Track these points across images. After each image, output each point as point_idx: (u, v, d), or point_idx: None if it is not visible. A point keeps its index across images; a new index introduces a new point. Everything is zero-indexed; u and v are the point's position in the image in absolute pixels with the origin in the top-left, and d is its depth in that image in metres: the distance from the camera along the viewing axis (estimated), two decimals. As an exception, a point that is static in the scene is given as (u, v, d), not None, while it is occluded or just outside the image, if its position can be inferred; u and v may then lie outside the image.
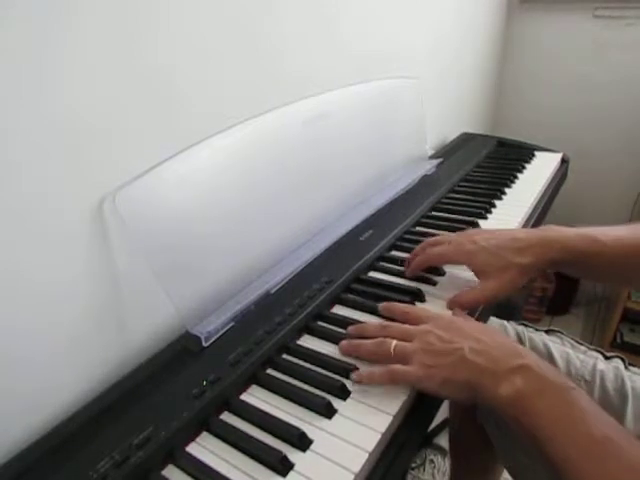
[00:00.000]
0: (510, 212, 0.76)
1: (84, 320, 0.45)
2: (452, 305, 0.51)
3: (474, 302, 0.51)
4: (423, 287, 0.56)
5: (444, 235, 0.59)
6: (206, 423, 0.41)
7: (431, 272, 0.58)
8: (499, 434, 0.63)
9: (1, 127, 0.36)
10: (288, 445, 0.38)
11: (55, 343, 0.43)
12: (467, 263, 0.53)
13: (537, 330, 0.67)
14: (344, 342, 0.47)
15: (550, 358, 0.61)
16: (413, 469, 1.16)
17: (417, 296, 0.54)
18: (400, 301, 0.53)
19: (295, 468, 0.36)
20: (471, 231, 0.57)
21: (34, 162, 0.39)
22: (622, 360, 0.60)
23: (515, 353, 0.39)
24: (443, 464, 1.16)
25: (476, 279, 0.53)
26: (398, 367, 0.41)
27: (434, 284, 0.57)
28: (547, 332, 0.67)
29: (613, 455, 0.33)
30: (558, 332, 0.66)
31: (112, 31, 0.42)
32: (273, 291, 0.55)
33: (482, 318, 0.56)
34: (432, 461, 1.17)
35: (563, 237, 0.50)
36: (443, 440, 1.20)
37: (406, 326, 0.45)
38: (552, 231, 0.51)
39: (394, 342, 0.43)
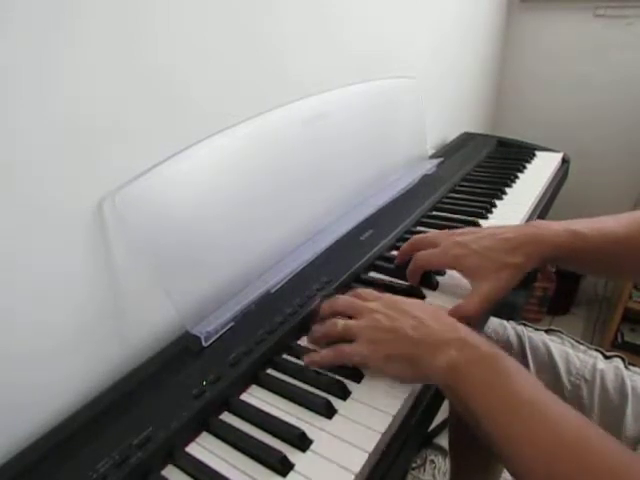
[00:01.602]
0: (511, 212, 0.76)
1: (84, 320, 0.45)
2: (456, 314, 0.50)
3: (476, 310, 0.48)
4: (423, 287, 0.56)
5: (434, 233, 0.57)
6: (206, 423, 0.40)
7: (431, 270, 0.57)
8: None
9: (1, 127, 0.36)
10: (288, 445, 0.38)
11: (55, 344, 0.43)
12: (455, 267, 0.52)
13: (537, 330, 0.67)
14: (307, 336, 0.49)
15: (550, 357, 0.61)
16: (413, 469, 1.15)
17: (417, 296, 0.54)
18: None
19: (295, 468, 0.36)
20: (458, 231, 0.55)
21: (34, 162, 0.39)
22: (622, 360, 0.60)
23: (452, 328, 0.41)
24: (443, 464, 1.16)
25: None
26: (345, 346, 0.43)
27: (435, 287, 0.57)
28: (547, 332, 0.67)
29: (539, 415, 0.34)
30: (558, 332, 0.66)
31: (112, 31, 0.42)
32: (273, 291, 0.55)
33: (482, 317, 0.55)
34: (432, 461, 1.17)
35: (551, 234, 0.50)
36: (443, 440, 1.20)
37: (353, 300, 0.47)
38: (540, 228, 0.51)
39: (342, 321, 0.45)
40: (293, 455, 0.37)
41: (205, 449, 0.39)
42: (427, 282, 0.56)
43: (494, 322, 0.69)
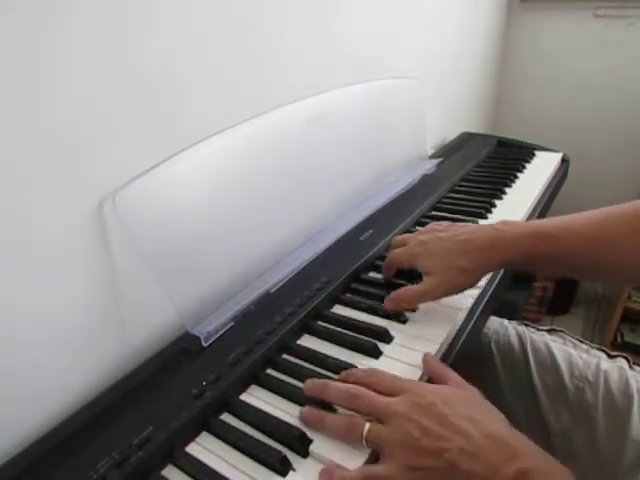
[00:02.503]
0: (510, 212, 0.76)
1: (84, 320, 0.45)
2: (389, 304, 0.51)
3: (412, 299, 0.50)
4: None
5: (412, 234, 0.57)
6: (206, 423, 0.41)
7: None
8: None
9: (1, 127, 0.36)
10: (288, 445, 0.38)
11: (55, 343, 0.43)
12: (414, 266, 0.52)
13: (539, 330, 0.66)
14: (306, 410, 0.40)
15: (552, 359, 0.61)
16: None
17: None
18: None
19: (295, 468, 0.36)
20: (425, 229, 0.56)
21: (34, 162, 0.38)
22: (626, 360, 0.60)
23: (512, 453, 0.33)
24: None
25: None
26: (376, 469, 0.35)
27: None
28: (549, 332, 0.66)
29: None
30: (560, 331, 0.66)
31: (112, 31, 0.42)
32: (273, 291, 0.55)
33: (482, 317, 0.56)
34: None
35: (511, 238, 0.49)
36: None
37: (379, 401, 0.37)
38: (501, 231, 0.50)
39: (366, 426, 0.36)
40: (293, 455, 0.37)
41: (205, 449, 0.39)
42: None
43: (495, 322, 0.68)
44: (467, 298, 0.54)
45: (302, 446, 0.37)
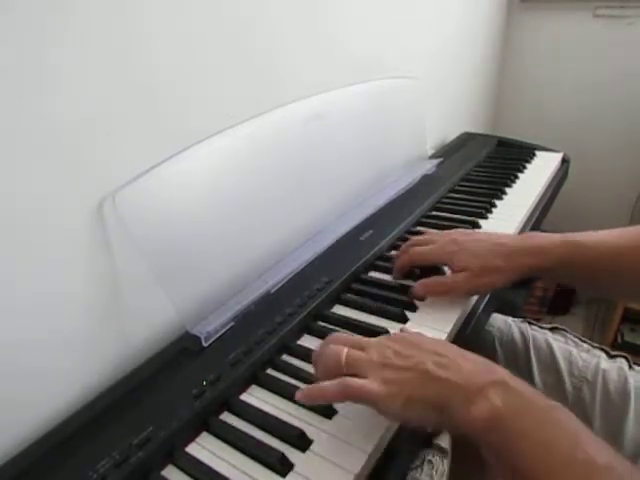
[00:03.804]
0: (511, 212, 0.76)
1: (84, 320, 0.45)
2: (420, 289, 0.51)
3: (444, 289, 0.51)
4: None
5: (430, 233, 0.59)
6: (206, 423, 0.41)
7: (430, 271, 0.57)
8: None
9: (1, 127, 0.36)
10: (288, 445, 0.38)
11: (55, 343, 0.43)
12: (448, 263, 0.53)
13: (541, 328, 0.66)
14: (299, 391, 0.38)
15: (552, 358, 0.61)
16: (411, 470, 1.15)
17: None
18: (400, 300, 0.53)
19: (295, 468, 0.36)
20: (455, 232, 0.57)
21: (34, 162, 0.39)
22: (626, 359, 0.60)
23: (488, 367, 0.35)
24: (441, 465, 1.16)
25: None
26: (353, 380, 0.35)
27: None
28: (551, 330, 0.66)
29: None
30: (562, 330, 0.66)
31: (112, 31, 0.42)
32: (273, 291, 0.55)
33: (484, 313, 0.55)
34: (430, 462, 1.17)
35: (545, 244, 0.50)
36: (443, 440, 1.20)
37: (355, 336, 0.40)
38: (535, 238, 0.51)
39: (345, 349, 0.37)
40: (293, 455, 0.37)
41: (205, 449, 0.39)
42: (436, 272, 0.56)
43: (499, 319, 0.68)
44: (467, 299, 0.54)
45: (302, 446, 0.37)
